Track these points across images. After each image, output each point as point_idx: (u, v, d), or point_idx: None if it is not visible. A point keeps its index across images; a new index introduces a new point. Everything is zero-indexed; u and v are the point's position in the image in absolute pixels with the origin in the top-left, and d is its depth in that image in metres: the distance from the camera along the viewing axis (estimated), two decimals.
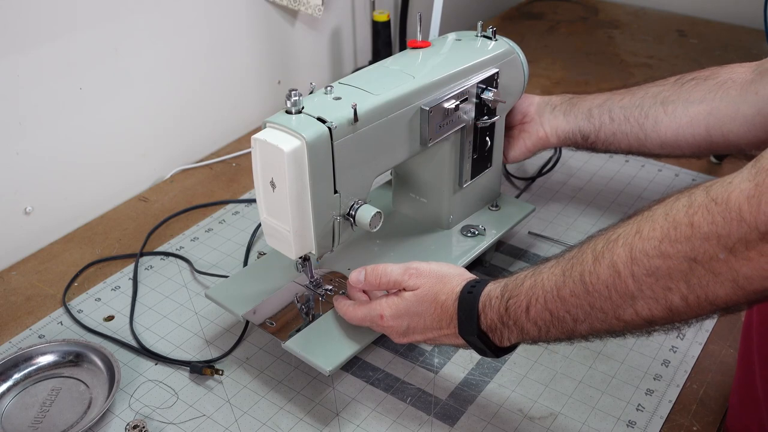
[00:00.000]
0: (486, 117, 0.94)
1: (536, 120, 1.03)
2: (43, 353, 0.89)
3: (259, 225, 0.96)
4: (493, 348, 0.74)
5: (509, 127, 1.05)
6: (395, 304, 0.77)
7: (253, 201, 1.19)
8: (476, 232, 0.99)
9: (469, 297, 0.73)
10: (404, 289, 0.78)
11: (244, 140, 1.37)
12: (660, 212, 0.60)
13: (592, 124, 1.01)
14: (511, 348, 0.74)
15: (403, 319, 0.77)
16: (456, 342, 0.76)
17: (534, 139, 1.03)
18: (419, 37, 0.93)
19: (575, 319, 0.65)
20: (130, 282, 1.02)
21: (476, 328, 0.72)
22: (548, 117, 1.03)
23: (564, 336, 0.68)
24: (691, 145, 0.96)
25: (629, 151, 1.02)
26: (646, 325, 0.63)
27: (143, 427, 0.81)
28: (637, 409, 0.83)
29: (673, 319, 0.61)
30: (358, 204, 0.82)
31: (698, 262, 0.57)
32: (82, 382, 0.87)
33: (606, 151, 1.03)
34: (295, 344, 0.81)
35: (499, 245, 1.06)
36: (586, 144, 1.03)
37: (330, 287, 0.89)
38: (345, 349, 0.81)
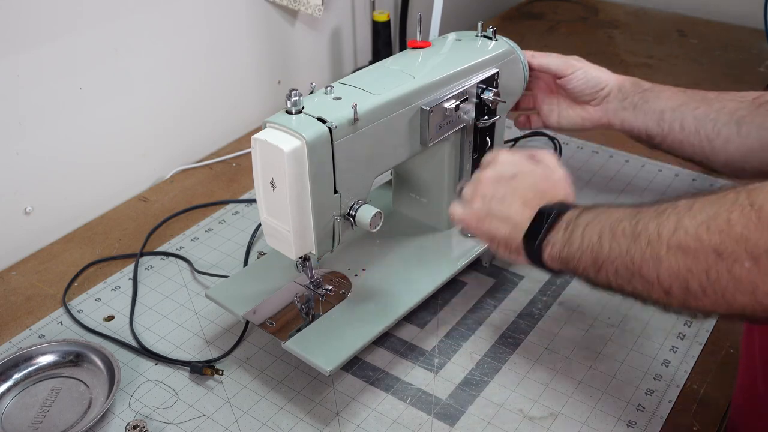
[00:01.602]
0: (486, 117, 0.94)
1: (602, 106, 1.02)
2: (43, 353, 0.89)
3: (259, 225, 0.96)
4: (538, 260, 0.75)
5: (572, 93, 1.03)
6: (511, 160, 0.81)
7: (253, 201, 1.19)
8: None
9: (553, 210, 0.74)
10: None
11: (244, 140, 1.37)
12: (713, 199, 0.61)
13: (662, 128, 0.98)
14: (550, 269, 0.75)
15: (499, 186, 0.78)
16: (515, 244, 0.76)
17: (594, 120, 1.02)
18: (419, 37, 0.93)
19: (609, 253, 0.67)
20: (130, 282, 1.02)
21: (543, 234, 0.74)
22: (617, 106, 1.01)
23: (592, 265, 0.69)
24: (757, 169, 0.93)
25: (691, 160, 1.00)
26: (663, 296, 0.64)
27: (143, 427, 0.81)
28: (637, 409, 0.83)
29: (689, 303, 0.62)
30: (358, 204, 0.82)
31: (723, 259, 0.57)
32: (82, 382, 0.87)
33: (667, 152, 1.02)
34: (295, 344, 0.81)
35: None
36: (651, 142, 1.01)
37: (330, 287, 0.90)
38: (345, 349, 0.81)
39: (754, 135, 0.92)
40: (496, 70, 0.93)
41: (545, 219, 0.74)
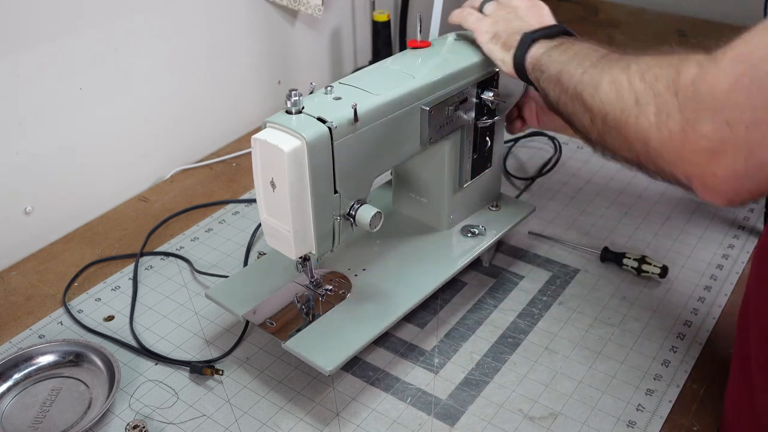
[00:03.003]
0: (486, 117, 0.94)
1: None
2: (43, 353, 0.89)
3: (259, 225, 0.96)
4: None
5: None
6: None
7: (253, 201, 1.19)
8: (476, 232, 0.99)
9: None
10: None
11: (244, 140, 1.37)
12: (664, 55, 0.68)
13: None
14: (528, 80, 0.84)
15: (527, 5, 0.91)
16: (513, 40, 0.86)
17: None
18: (419, 37, 0.93)
19: (572, 72, 0.75)
20: (130, 282, 1.02)
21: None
22: None
23: (555, 77, 0.77)
24: None
25: None
26: (588, 122, 0.72)
27: (143, 427, 0.81)
28: (637, 409, 0.83)
29: (604, 138, 0.71)
30: (358, 204, 0.82)
31: (637, 105, 0.65)
32: (82, 382, 0.87)
33: None
34: (295, 344, 0.81)
35: (499, 245, 1.06)
36: None
37: (330, 287, 0.90)
38: (345, 349, 0.81)
39: None
40: (496, 70, 0.93)
41: (552, 29, 0.84)
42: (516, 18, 0.89)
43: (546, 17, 0.90)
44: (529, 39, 0.83)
